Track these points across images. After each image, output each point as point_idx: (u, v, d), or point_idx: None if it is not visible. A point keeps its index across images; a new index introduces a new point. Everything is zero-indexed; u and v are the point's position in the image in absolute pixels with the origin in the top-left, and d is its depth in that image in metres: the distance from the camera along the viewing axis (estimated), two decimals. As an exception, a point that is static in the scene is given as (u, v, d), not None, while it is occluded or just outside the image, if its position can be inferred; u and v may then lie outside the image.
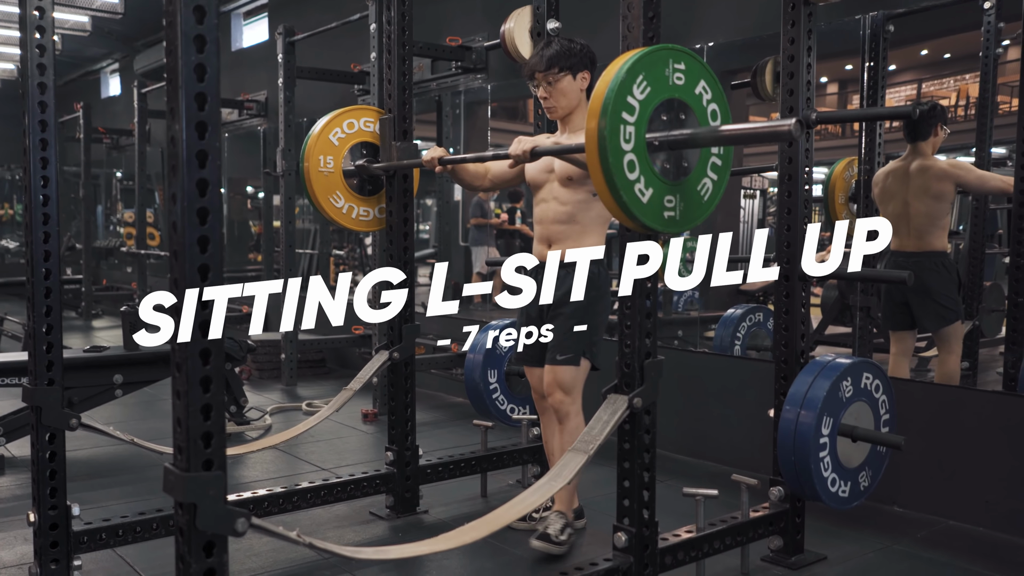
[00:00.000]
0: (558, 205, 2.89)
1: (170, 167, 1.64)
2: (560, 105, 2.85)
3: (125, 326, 4.35)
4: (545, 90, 2.85)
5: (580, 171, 2.77)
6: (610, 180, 2.01)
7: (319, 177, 3.27)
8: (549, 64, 2.82)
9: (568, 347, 2.87)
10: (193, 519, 1.65)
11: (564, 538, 2.88)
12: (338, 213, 3.32)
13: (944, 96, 14.19)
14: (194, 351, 1.63)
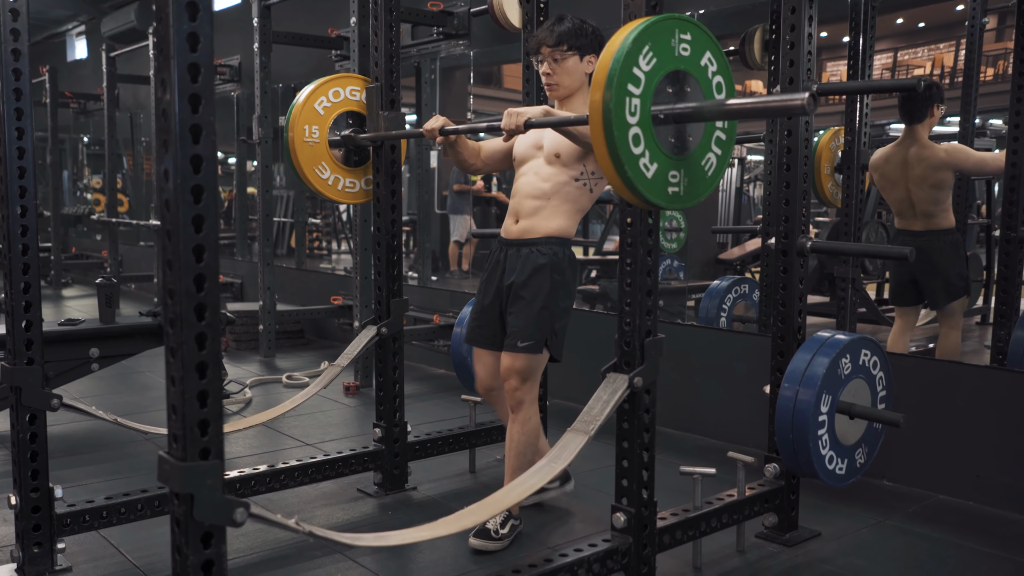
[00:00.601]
0: (538, 180, 2.75)
1: (161, 142, 1.55)
2: (563, 84, 2.74)
3: (101, 298, 4.23)
4: (550, 66, 2.74)
5: (568, 149, 2.68)
6: (614, 154, 1.94)
7: (304, 147, 3.18)
8: (559, 40, 2.71)
9: (530, 334, 2.69)
10: (190, 510, 1.59)
11: (505, 531, 2.73)
12: (324, 185, 3.24)
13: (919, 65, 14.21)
14: (189, 336, 1.55)
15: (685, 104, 2.04)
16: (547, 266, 2.70)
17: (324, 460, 3.09)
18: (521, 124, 2.51)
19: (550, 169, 2.74)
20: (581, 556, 2.26)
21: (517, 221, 2.79)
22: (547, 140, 2.76)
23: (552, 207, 2.73)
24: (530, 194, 2.76)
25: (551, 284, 2.70)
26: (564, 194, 2.73)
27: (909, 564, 2.64)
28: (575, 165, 2.71)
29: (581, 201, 2.75)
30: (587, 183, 2.73)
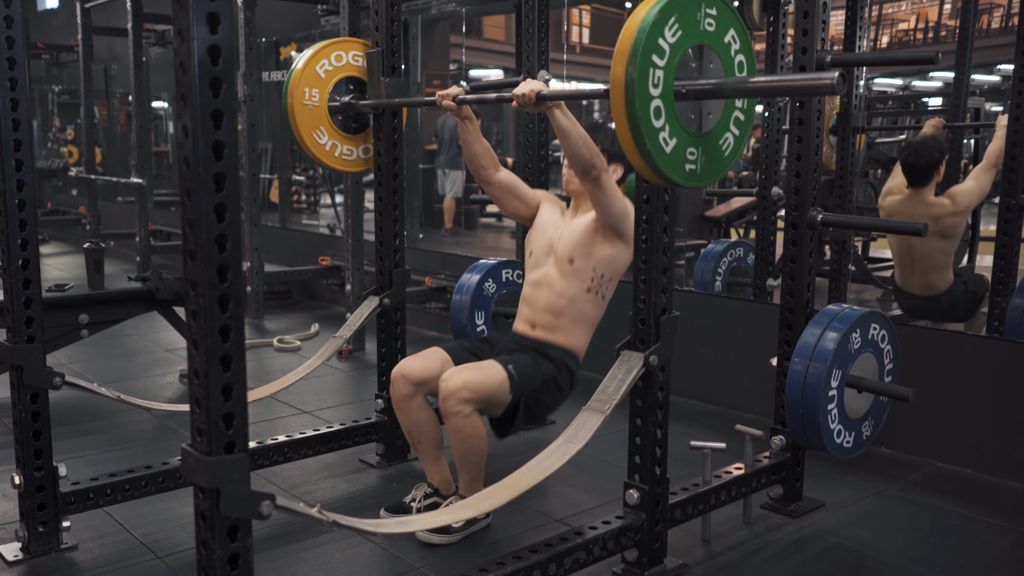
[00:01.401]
0: (553, 296, 2.75)
1: (179, 96, 1.48)
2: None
3: (89, 264, 4.16)
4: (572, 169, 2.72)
5: (582, 251, 2.69)
6: (635, 126, 1.88)
7: (303, 111, 3.09)
8: None
9: (520, 371, 2.59)
10: (216, 504, 1.55)
11: (459, 524, 2.59)
12: (321, 150, 3.16)
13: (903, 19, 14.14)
14: (213, 328, 1.51)
15: (708, 80, 1.99)
16: (555, 363, 2.71)
17: (327, 432, 3.07)
18: (533, 97, 2.45)
19: (564, 282, 2.73)
20: (596, 534, 2.26)
21: (534, 327, 2.79)
22: (563, 240, 2.76)
23: (567, 323, 2.74)
24: (547, 308, 2.76)
25: (552, 375, 2.69)
26: (578, 310, 2.73)
27: (913, 535, 2.67)
28: (587, 270, 2.70)
29: (595, 314, 2.77)
30: (599, 290, 2.73)
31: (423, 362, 2.68)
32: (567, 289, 2.72)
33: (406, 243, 6.14)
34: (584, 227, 2.72)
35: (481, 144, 2.83)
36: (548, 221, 2.85)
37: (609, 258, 2.70)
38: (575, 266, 2.71)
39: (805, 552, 2.54)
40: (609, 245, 2.69)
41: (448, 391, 2.48)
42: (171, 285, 4.30)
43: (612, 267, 2.72)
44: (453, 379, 2.50)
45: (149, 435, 3.53)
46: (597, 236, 2.69)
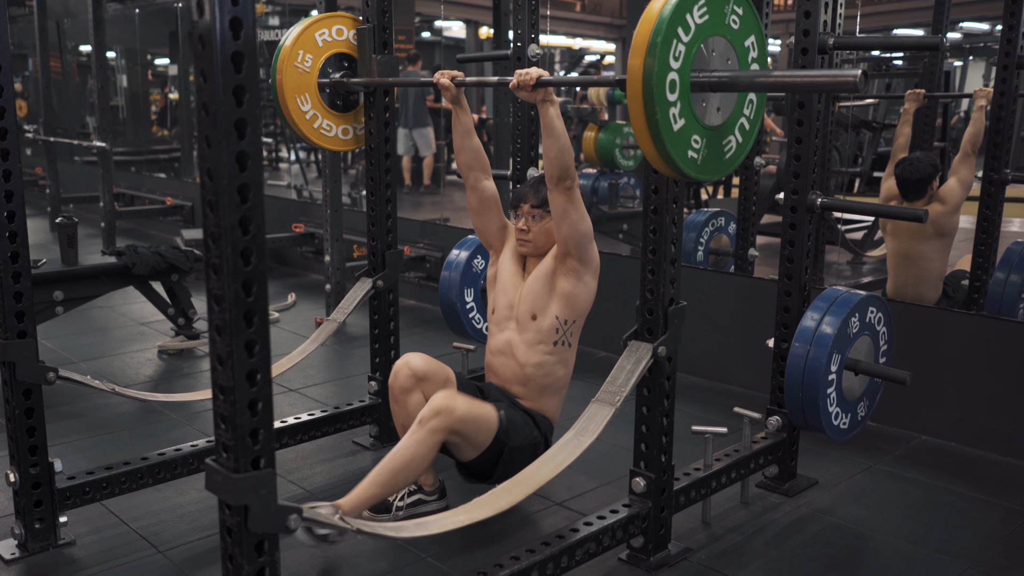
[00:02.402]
0: (516, 366, 2.66)
1: (198, 71, 1.41)
2: (537, 243, 2.67)
3: (62, 239, 4.04)
4: (527, 223, 2.66)
5: (543, 303, 2.61)
6: (648, 88, 1.82)
7: (292, 72, 2.94)
8: (543, 201, 2.64)
9: (511, 420, 2.54)
10: (244, 520, 1.53)
11: (403, 504, 2.59)
12: (301, 118, 3.01)
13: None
14: (239, 344, 1.47)
15: (726, 71, 1.97)
16: (541, 431, 2.65)
17: (321, 417, 3.04)
18: (531, 82, 2.40)
19: (527, 350, 2.64)
20: (605, 524, 2.27)
21: (518, 396, 2.71)
22: (524, 299, 2.67)
23: (537, 392, 2.67)
24: (515, 379, 2.68)
25: (538, 442, 2.62)
26: (547, 374, 2.66)
27: (906, 513, 2.73)
28: (550, 324, 2.62)
29: (564, 373, 2.69)
30: (565, 340, 2.65)
31: (430, 363, 2.61)
32: (531, 356, 2.64)
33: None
34: (542, 275, 2.64)
35: (475, 140, 2.75)
36: (509, 279, 2.72)
37: (570, 296, 2.60)
38: (538, 323, 2.63)
39: (804, 533, 2.58)
40: (571, 279, 2.59)
41: (441, 406, 2.37)
42: (147, 259, 4.20)
43: (575, 307, 2.62)
44: (453, 399, 2.40)
45: (134, 417, 3.47)
46: (557, 275, 2.61)
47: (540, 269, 2.67)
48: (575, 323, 2.66)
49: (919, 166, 3.90)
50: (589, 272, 2.61)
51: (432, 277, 5.21)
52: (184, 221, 7.39)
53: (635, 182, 7.76)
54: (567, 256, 2.59)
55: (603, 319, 4.29)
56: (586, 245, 2.57)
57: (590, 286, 2.63)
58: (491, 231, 2.81)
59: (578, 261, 2.58)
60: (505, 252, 2.79)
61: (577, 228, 2.53)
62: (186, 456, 2.70)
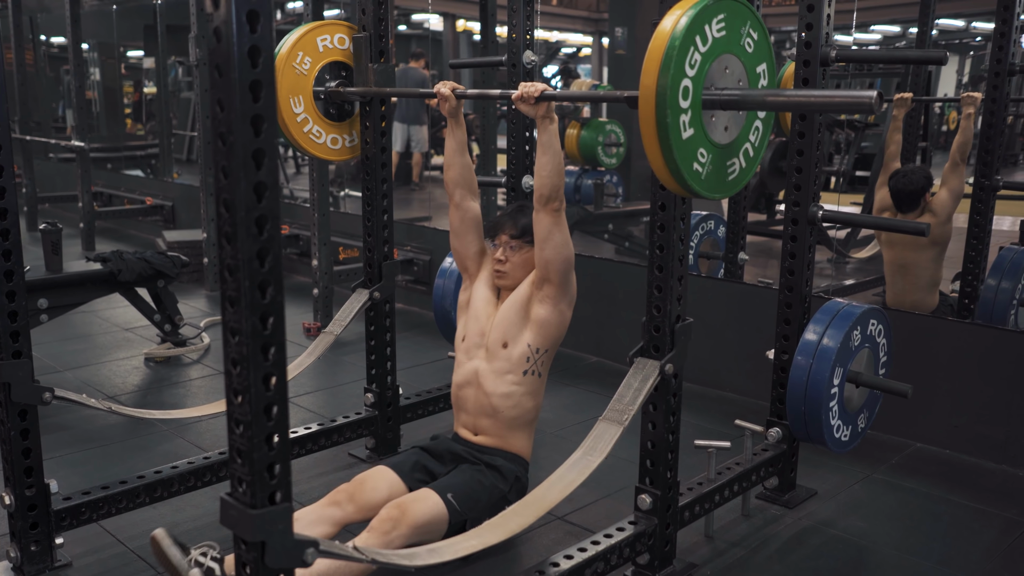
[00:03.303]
0: (482, 396, 2.59)
1: (213, 66, 1.37)
2: (515, 276, 2.62)
3: (47, 245, 3.97)
4: (505, 253, 2.62)
5: (516, 329, 2.56)
6: (662, 91, 1.80)
7: (290, 72, 2.88)
8: (522, 231, 2.60)
9: (463, 497, 2.41)
10: (261, 557, 1.50)
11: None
12: (292, 119, 2.97)
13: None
14: (256, 377, 1.44)
15: (738, 90, 1.95)
16: (504, 476, 2.55)
17: (318, 431, 3.01)
18: (535, 95, 2.37)
19: (494, 380, 2.58)
20: (613, 543, 2.26)
21: (476, 433, 2.64)
22: (495, 327, 2.62)
23: (507, 424, 2.59)
24: (481, 411, 2.61)
25: (502, 494, 2.51)
26: (515, 405, 2.58)
27: (906, 524, 2.74)
28: (521, 352, 2.57)
29: (533, 404, 2.62)
30: (535, 370, 2.59)
31: (372, 495, 2.42)
32: (499, 385, 2.57)
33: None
34: (517, 302, 2.59)
35: (468, 158, 2.72)
36: (482, 306, 2.67)
37: (545, 323, 2.56)
38: (508, 351, 2.57)
39: (807, 546, 2.59)
40: (547, 306, 2.55)
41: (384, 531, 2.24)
42: (133, 266, 4.14)
43: (548, 336, 2.57)
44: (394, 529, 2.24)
45: (125, 429, 3.41)
46: (533, 301, 2.57)
47: (515, 296, 2.62)
48: (547, 352, 2.61)
49: (913, 178, 3.92)
50: (565, 300, 2.58)
51: (420, 280, 5.18)
52: (165, 222, 7.29)
53: (617, 180, 7.75)
54: (545, 282, 2.55)
55: (592, 323, 4.29)
56: (567, 272, 2.54)
57: (565, 315, 2.59)
58: (469, 254, 2.75)
59: (557, 288, 2.55)
60: (480, 278, 2.74)
61: (560, 252, 2.50)
62: (183, 474, 2.65)
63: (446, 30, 15.20)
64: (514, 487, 2.56)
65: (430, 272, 5.10)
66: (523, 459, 2.64)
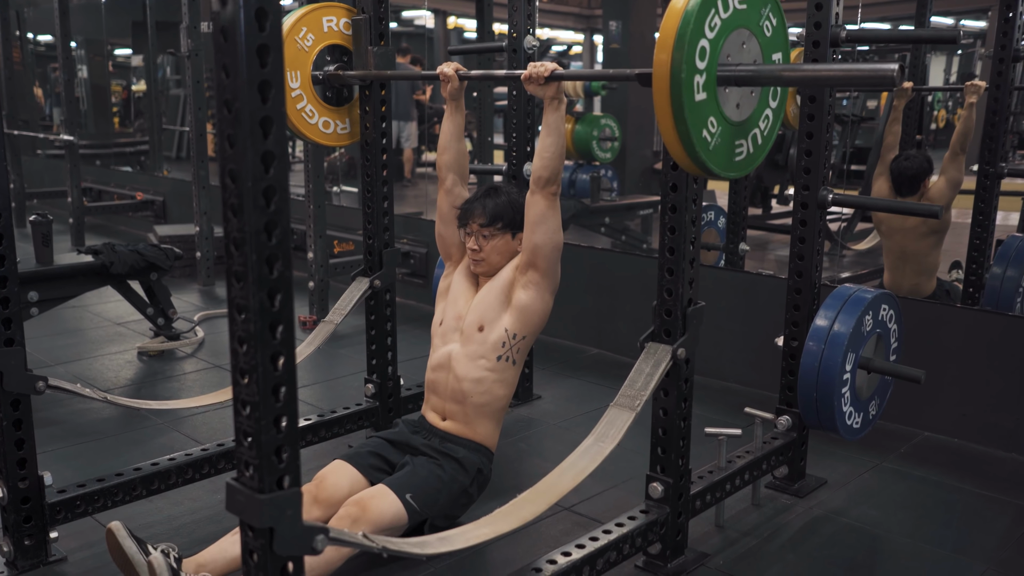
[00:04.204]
0: (454, 380, 2.54)
1: (219, 66, 1.32)
2: (491, 263, 2.58)
3: (37, 237, 3.89)
4: (477, 242, 2.57)
5: (493, 311, 2.52)
6: (679, 45, 1.76)
7: (291, 46, 2.81)
8: (492, 219, 2.55)
9: (421, 496, 2.34)
10: (269, 544, 1.44)
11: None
12: (287, 95, 2.91)
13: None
14: (264, 357, 1.37)
15: (756, 65, 1.90)
16: (465, 468, 2.48)
17: (319, 422, 2.96)
18: (545, 75, 2.32)
19: (468, 364, 2.53)
20: (624, 532, 2.21)
21: (444, 418, 2.59)
22: (473, 310, 2.58)
23: (475, 410, 2.53)
24: (452, 396, 2.56)
25: (463, 488, 2.46)
26: (485, 391, 2.53)
27: (919, 513, 2.69)
28: (497, 336, 2.52)
29: (504, 393, 2.56)
30: (510, 356, 2.54)
31: (334, 491, 2.37)
32: (471, 370, 2.52)
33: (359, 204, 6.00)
34: (498, 286, 2.55)
35: (463, 144, 2.68)
36: (461, 292, 2.64)
37: (526, 309, 2.52)
38: (484, 334, 2.53)
39: (820, 535, 2.54)
40: (530, 292, 2.51)
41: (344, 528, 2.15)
42: (125, 258, 4.06)
43: (527, 322, 2.53)
44: (353, 523, 2.19)
45: (118, 422, 3.34)
46: (516, 286, 2.53)
47: (497, 279, 2.58)
48: (524, 339, 2.56)
49: (914, 161, 3.90)
50: (549, 288, 2.53)
51: (416, 273, 5.12)
52: (156, 217, 7.20)
53: (612, 174, 7.71)
54: (531, 267, 2.50)
55: (592, 315, 4.24)
56: (554, 259, 2.50)
57: (547, 303, 2.55)
58: (454, 241, 2.71)
59: (542, 275, 2.50)
60: (462, 265, 2.71)
61: (551, 238, 2.46)
62: (181, 466, 2.59)
63: (437, 27, 15.15)
64: (476, 480, 2.51)
65: (426, 265, 5.04)
66: (487, 449, 2.58)
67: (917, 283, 4.01)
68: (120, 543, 2.05)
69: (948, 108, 8.73)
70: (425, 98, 9.64)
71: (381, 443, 2.56)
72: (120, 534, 2.06)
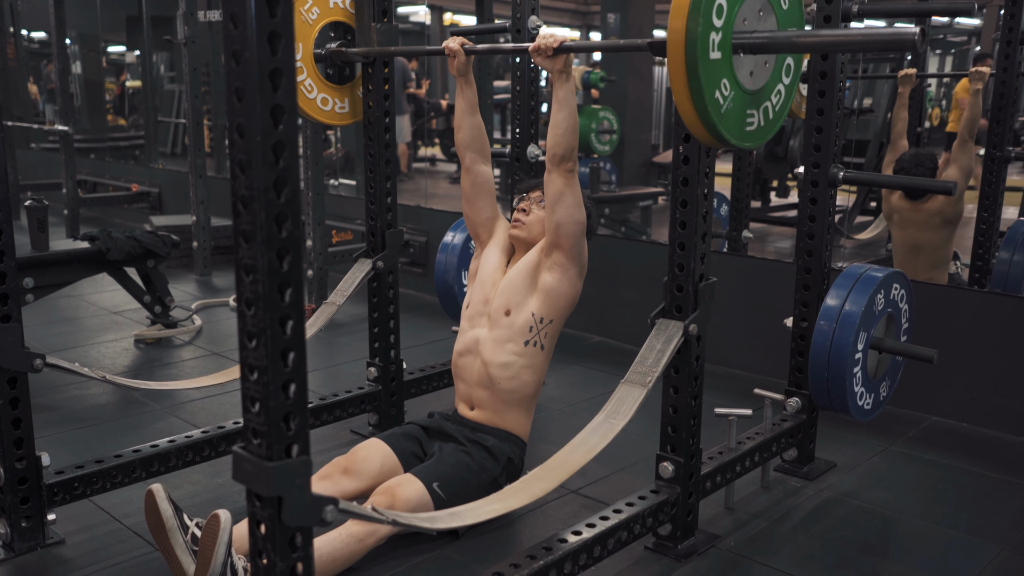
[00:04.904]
0: (481, 366, 2.51)
1: (229, 53, 1.28)
2: (532, 230, 2.57)
3: (32, 222, 3.83)
4: (529, 207, 2.58)
5: (519, 296, 2.48)
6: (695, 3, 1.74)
7: (295, 16, 2.76)
8: None
9: (448, 485, 2.29)
10: (278, 513, 1.39)
11: None
12: (312, 106, 2.89)
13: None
14: (273, 319, 1.33)
15: (773, 32, 1.86)
16: (496, 458, 2.44)
17: (321, 405, 2.90)
18: (554, 46, 2.28)
19: (495, 348, 2.49)
20: (635, 512, 2.17)
21: (472, 407, 2.57)
22: (499, 293, 2.54)
23: (504, 397, 2.50)
24: (479, 382, 2.53)
25: (492, 477, 2.41)
26: (513, 377, 2.49)
27: (930, 495, 2.66)
28: (524, 321, 2.48)
29: (534, 379, 2.52)
30: (538, 341, 2.50)
31: (365, 465, 2.37)
32: (498, 354, 2.48)
33: (356, 193, 5.95)
34: (524, 269, 2.51)
35: (478, 118, 2.63)
36: (489, 273, 2.60)
37: (552, 292, 2.47)
38: (511, 319, 2.49)
39: (831, 517, 2.50)
40: (555, 274, 2.47)
41: (372, 529, 2.13)
42: (122, 245, 4.01)
43: (555, 305, 2.49)
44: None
45: (115, 408, 3.29)
46: (541, 269, 2.48)
47: (523, 262, 2.54)
48: (552, 323, 2.51)
49: (921, 160, 3.85)
50: (575, 269, 2.48)
51: (416, 263, 5.07)
52: (151, 208, 7.14)
53: (611, 167, 7.68)
54: (555, 248, 2.46)
55: (595, 302, 4.19)
56: (577, 237, 2.44)
57: (575, 285, 2.50)
58: (480, 219, 2.67)
59: (566, 255, 2.45)
60: (491, 245, 2.66)
61: (572, 215, 2.41)
62: (181, 448, 2.54)
63: (433, 23, 15.10)
64: (506, 469, 2.46)
65: (427, 254, 5.00)
66: (518, 438, 2.54)
67: (930, 276, 3.97)
68: (158, 504, 2.02)
69: (942, 107, 8.71)
70: (421, 92, 9.61)
71: (416, 429, 2.53)
72: (159, 495, 2.04)
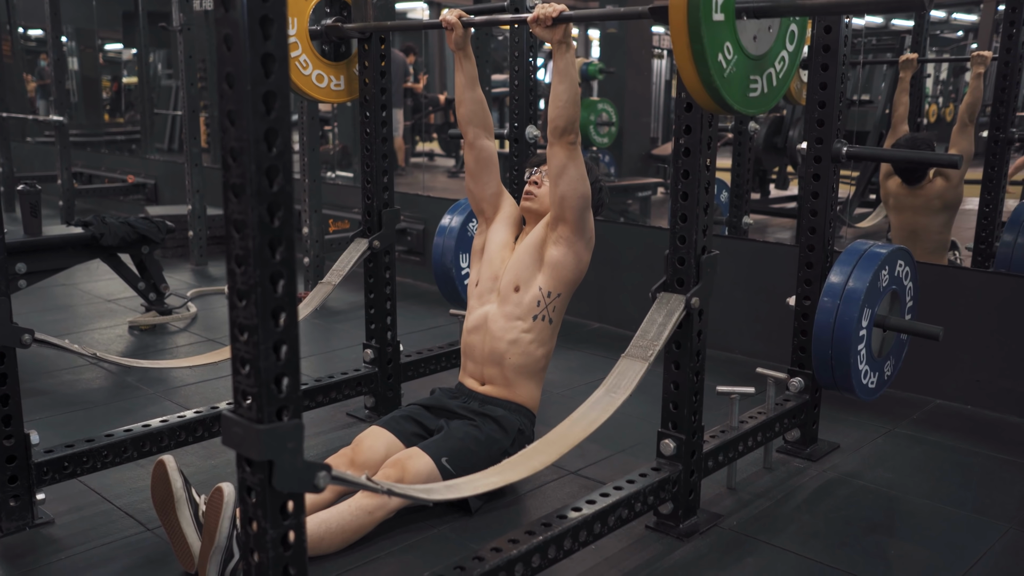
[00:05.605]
0: (491, 341, 2.49)
1: (221, 37, 1.25)
2: (543, 202, 2.54)
3: (25, 207, 3.79)
4: (541, 180, 2.56)
5: (528, 271, 2.46)
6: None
7: None
8: None
9: (457, 459, 2.28)
10: (268, 479, 1.35)
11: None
12: (309, 84, 2.84)
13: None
14: (264, 276, 1.29)
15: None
16: (506, 430, 2.42)
17: (316, 387, 2.86)
18: (553, 15, 2.23)
19: (504, 324, 2.48)
20: (636, 489, 2.13)
21: (483, 383, 2.54)
22: (509, 269, 2.52)
23: (513, 371, 2.48)
24: (489, 358, 2.50)
25: (503, 449, 2.38)
26: (522, 353, 2.47)
27: (935, 475, 2.62)
28: (532, 295, 2.46)
29: (542, 353, 2.51)
30: (546, 315, 2.48)
31: (370, 455, 2.35)
32: (507, 331, 2.47)
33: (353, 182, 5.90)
34: (531, 244, 2.49)
35: (479, 92, 2.59)
36: (497, 250, 2.58)
37: (558, 265, 2.45)
38: (520, 295, 2.48)
39: (835, 496, 2.46)
40: (561, 248, 2.44)
41: (381, 502, 2.15)
42: (116, 230, 3.96)
43: (561, 278, 2.47)
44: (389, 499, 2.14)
45: (108, 392, 3.25)
46: (547, 243, 2.46)
47: (530, 237, 2.51)
48: (559, 297, 2.49)
49: (917, 143, 3.80)
50: (582, 241, 2.45)
51: (413, 251, 5.03)
52: (147, 200, 7.09)
53: (609, 159, 7.64)
54: (560, 222, 2.43)
55: (594, 288, 4.15)
56: (582, 209, 2.41)
57: (582, 257, 2.47)
58: (485, 195, 2.63)
59: (571, 229, 2.42)
60: (497, 221, 2.63)
61: (576, 188, 2.38)
62: (173, 428, 2.50)
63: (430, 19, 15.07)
64: (516, 440, 2.43)
65: (424, 242, 4.95)
66: (527, 410, 2.52)
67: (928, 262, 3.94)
68: (168, 474, 2.03)
69: (939, 104, 8.66)
70: (418, 87, 9.55)
71: (418, 409, 2.51)
72: (170, 465, 2.04)
